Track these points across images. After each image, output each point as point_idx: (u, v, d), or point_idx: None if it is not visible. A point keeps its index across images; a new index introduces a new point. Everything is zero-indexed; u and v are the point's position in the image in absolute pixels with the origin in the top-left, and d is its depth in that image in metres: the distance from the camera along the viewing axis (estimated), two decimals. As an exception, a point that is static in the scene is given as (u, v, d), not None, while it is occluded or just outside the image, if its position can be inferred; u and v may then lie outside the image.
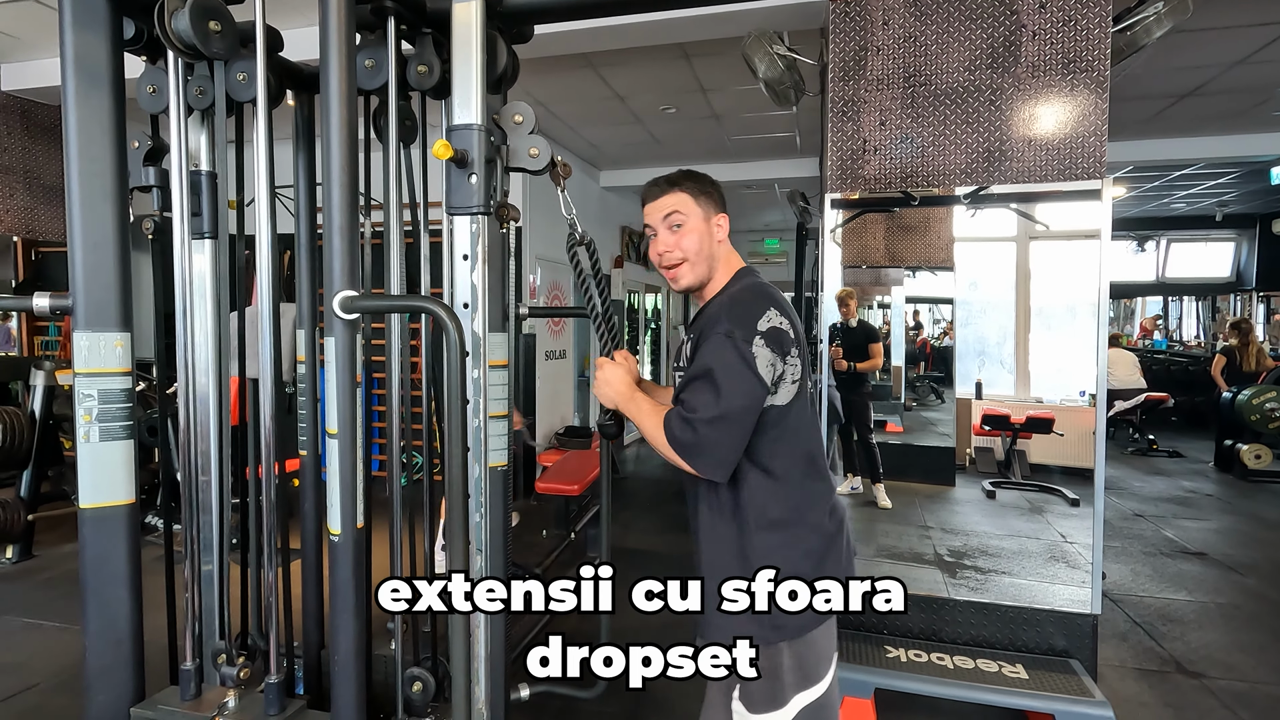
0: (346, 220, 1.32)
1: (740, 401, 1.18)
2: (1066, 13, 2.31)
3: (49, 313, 1.54)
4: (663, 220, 1.34)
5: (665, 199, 1.33)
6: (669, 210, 1.33)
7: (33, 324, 5.16)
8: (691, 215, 1.32)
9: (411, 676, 1.61)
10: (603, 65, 4.10)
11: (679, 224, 1.32)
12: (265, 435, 1.54)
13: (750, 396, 1.18)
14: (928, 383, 4.90)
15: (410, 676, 1.61)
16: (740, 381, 1.18)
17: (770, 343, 1.20)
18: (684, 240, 1.32)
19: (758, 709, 1.24)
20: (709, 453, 1.18)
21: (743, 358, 1.18)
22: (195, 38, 1.46)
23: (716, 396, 1.17)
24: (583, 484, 3.93)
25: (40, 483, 3.83)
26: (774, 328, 1.21)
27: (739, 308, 1.24)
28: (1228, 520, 4.75)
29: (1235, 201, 8.16)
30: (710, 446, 1.18)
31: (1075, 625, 2.39)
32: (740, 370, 1.18)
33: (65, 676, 2.58)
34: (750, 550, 1.26)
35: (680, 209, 1.32)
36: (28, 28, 3.72)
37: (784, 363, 1.22)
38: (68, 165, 1.48)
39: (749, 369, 1.18)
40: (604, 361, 1.41)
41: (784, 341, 1.22)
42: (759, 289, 1.30)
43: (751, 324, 1.21)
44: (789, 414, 1.25)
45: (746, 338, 1.19)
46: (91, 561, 1.52)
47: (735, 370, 1.18)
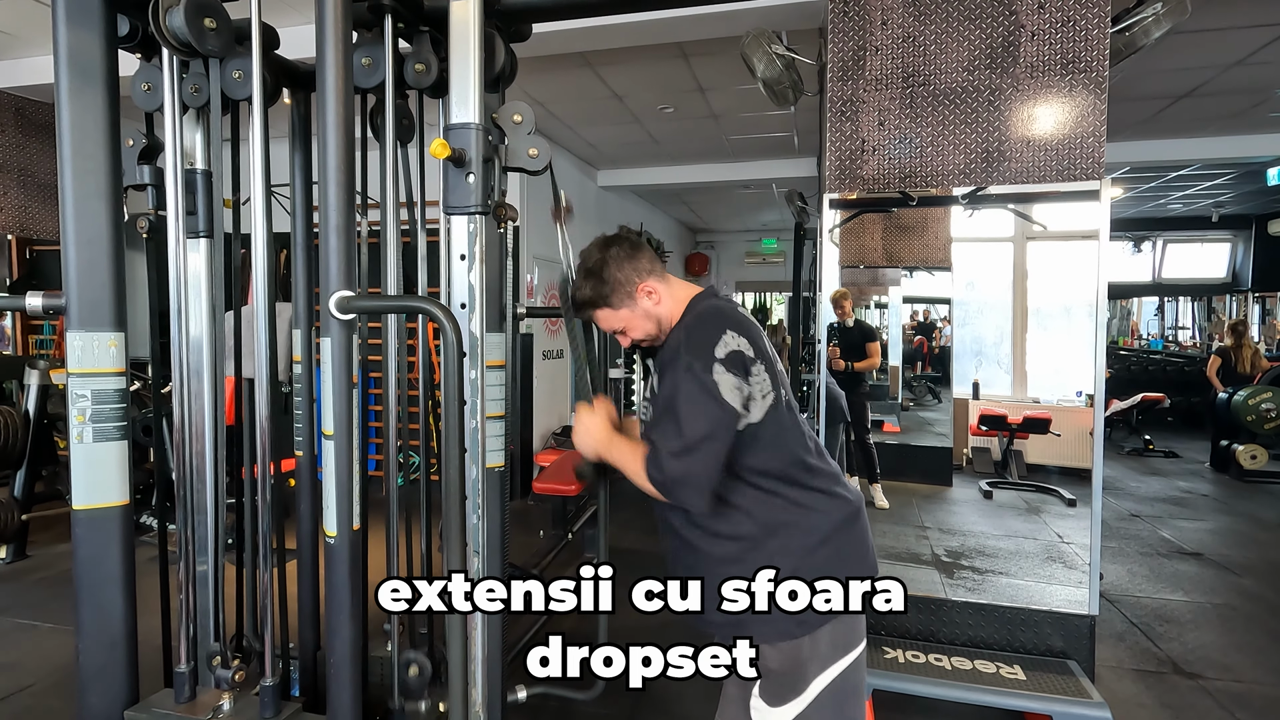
0: (343, 219, 1.31)
1: (705, 429, 1.18)
2: (1065, 13, 2.30)
3: (42, 312, 1.53)
4: (609, 331, 1.44)
5: (597, 320, 1.42)
6: (606, 327, 1.42)
7: (27, 323, 5.13)
8: (621, 319, 1.38)
9: (408, 660, 1.60)
10: (600, 64, 4.09)
11: (621, 330, 1.41)
12: (261, 435, 1.53)
13: (716, 423, 1.19)
14: (925, 383, 4.91)
15: (406, 660, 1.60)
16: (703, 411, 1.19)
17: (730, 367, 1.21)
18: (634, 335, 1.41)
19: (778, 702, 1.25)
20: (682, 485, 1.19)
21: (704, 387, 1.19)
22: (190, 35, 1.45)
23: (679, 431, 1.18)
24: (580, 484, 3.92)
25: (34, 483, 3.80)
26: (731, 351, 1.22)
27: (694, 337, 1.25)
28: (1224, 520, 4.76)
29: (1231, 202, 8.19)
30: (682, 479, 1.19)
31: (1073, 626, 2.39)
32: (703, 400, 1.19)
33: (59, 678, 2.56)
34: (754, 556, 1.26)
35: (610, 323, 1.40)
36: (22, 24, 3.70)
37: (748, 383, 1.23)
38: (61, 163, 1.47)
39: (711, 398, 1.19)
40: (582, 407, 1.42)
41: (743, 362, 1.23)
42: (710, 314, 1.31)
43: (708, 352, 1.21)
44: (765, 428, 1.26)
45: (706, 367, 1.20)
46: (85, 562, 1.51)
47: (697, 401, 1.19)
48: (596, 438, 1.37)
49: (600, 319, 1.41)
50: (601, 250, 1.37)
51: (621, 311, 1.37)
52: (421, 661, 1.60)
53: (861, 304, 4.62)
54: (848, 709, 1.29)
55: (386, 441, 1.70)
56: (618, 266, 1.35)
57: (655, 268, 1.38)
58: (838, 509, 1.31)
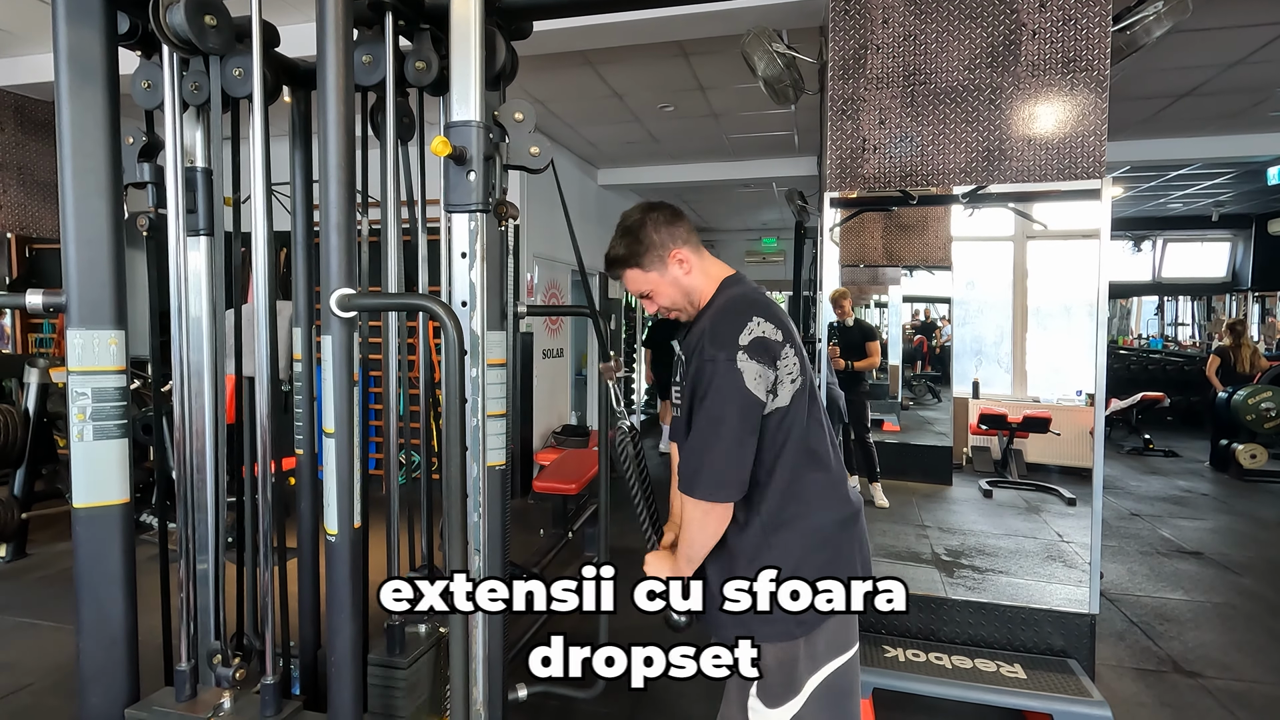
0: (344, 217, 1.31)
1: (734, 422, 1.20)
2: (1066, 12, 2.30)
3: (42, 310, 1.53)
4: (636, 294, 1.43)
5: (625, 281, 1.41)
6: (634, 288, 1.41)
7: (27, 321, 5.13)
8: (650, 282, 1.39)
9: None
10: (601, 63, 4.08)
11: (647, 294, 1.41)
12: (261, 434, 1.52)
13: (744, 414, 1.20)
14: (925, 382, 4.91)
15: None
16: (730, 404, 1.20)
17: (755, 354, 1.21)
18: (660, 301, 1.41)
19: (775, 703, 1.26)
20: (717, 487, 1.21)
21: (729, 379, 1.20)
22: (191, 32, 1.44)
23: (710, 428, 1.20)
24: (580, 483, 3.92)
25: (34, 481, 3.80)
26: (756, 339, 1.22)
27: (719, 327, 1.25)
28: (1223, 520, 4.76)
29: (1231, 202, 8.18)
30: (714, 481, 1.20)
31: (1073, 625, 2.39)
32: (728, 392, 1.20)
33: (59, 677, 2.56)
34: (758, 550, 1.26)
35: (638, 285, 1.40)
36: (22, 22, 3.69)
37: (774, 369, 1.23)
38: (61, 161, 1.46)
39: (737, 388, 1.19)
40: (650, 559, 1.43)
41: (770, 348, 1.23)
42: (739, 300, 1.30)
43: (733, 341, 1.22)
44: (789, 413, 1.26)
45: (730, 357, 1.20)
46: (85, 561, 1.51)
47: (723, 393, 1.20)
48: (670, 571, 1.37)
49: (629, 279, 1.41)
50: (642, 213, 1.38)
51: (651, 274, 1.38)
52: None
53: (861, 303, 4.62)
54: (843, 708, 1.30)
55: (387, 440, 1.70)
56: (654, 228, 1.36)
57: (692, 239, 1.39)
58: (841, 510, 1.31)
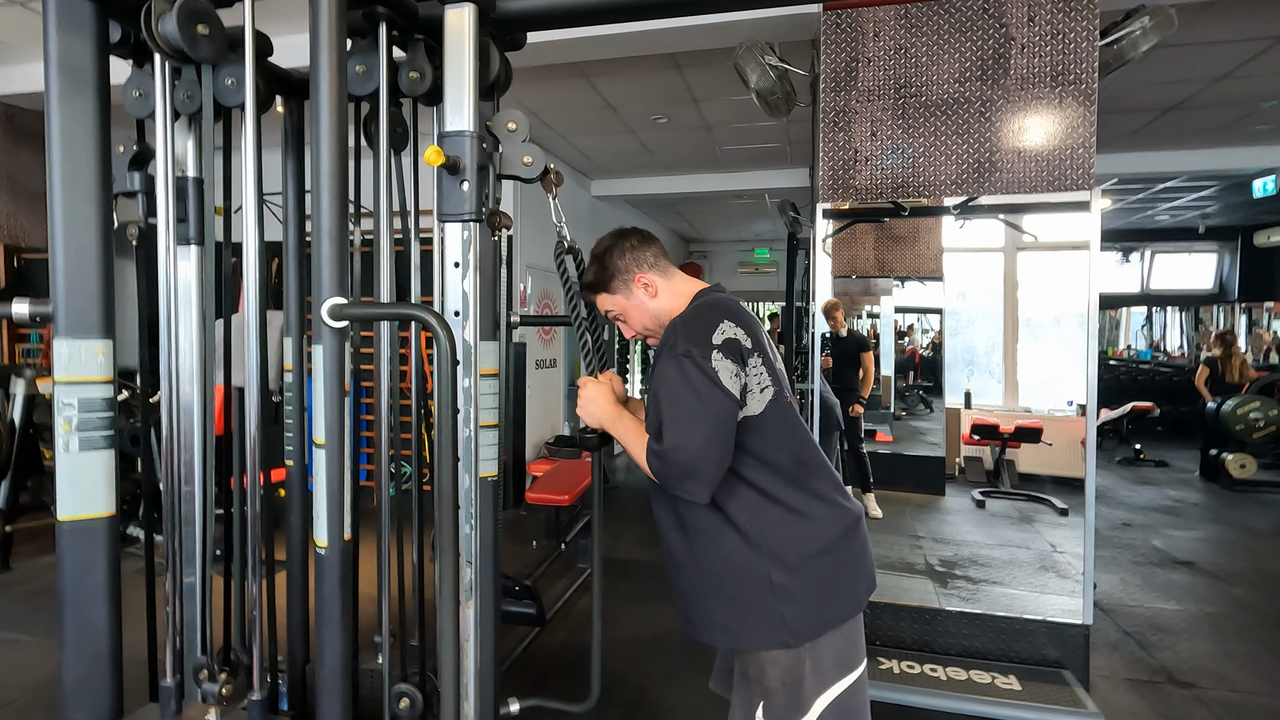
0: (336, 227, 1.30)
1: (707, 417, 1.17)
2: (1055, 26, 2.33)
3: (29, 319, 1.50)
4: (610, 318, 1.47)
5: (598, 304, 1.45)
6: (605, 312, 1.45)
7: (13, 331, 5.08)
8: (619, 305, 1.42)
9: (399, 693, 1.57)
10: (595, 74, 4.10)
11: (619, 318, 1.44)
12: (251, 445, 1.51)
13: (718, 410, 1.18)
14: (917, 392, 4.92)
15: (398, 693, 1.57)
16: (705, 398, 1.17)
17: (728, 354, 1.20)
18: (633, 325, 1.44)
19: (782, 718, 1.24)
20: (686, 476, 1.17)
21: (704, 373, 1.18)
22: (183, 41, 1.44)
23: (680, 419, 1.17)
24: (573, 494, 3.90)
25: (19, 493, 3.75)
26: (729, 339, 1.22)
27: (691, 324, 1.25)
28: (1215, 529, 4.78)
29: (1218, 214, 8.28)
30: (686, 469, 1.17)
31: (1067, 635, 2.39)
32: (704, 387, 1.18)
33: (41, 692, 2.51)
34: (748, 561, 1.25)
35: (608, 308, 1.43)
36: (12, 31, 3.68)
37: (745, 372, 1.22)
38: (50, 170, 1.45)
39: (713, 384, 1.18)
40: (586, 381, 1.42)
41: (740, 351, 1.22)
42: (711, 304, 1.31)
43: (706, 339, 1.21)
44: (765, 423, 1.25)
45: (704, 354, 1.19)
46: (70, 574, 1.48)
47: (698, 388, 1.18)
48: (603, 409, 1.37)
49: (600, 303, 1.45)
50: (613, 239, 1.41)
51: (618, 298, 1.41)
52: (413, 694, 1.57)
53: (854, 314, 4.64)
54: None
55: (378, 451, 1.68)
56: (620, 255, 1.39)
57: (660, 263, 1.40)
58: (839, 518, 1.29)
